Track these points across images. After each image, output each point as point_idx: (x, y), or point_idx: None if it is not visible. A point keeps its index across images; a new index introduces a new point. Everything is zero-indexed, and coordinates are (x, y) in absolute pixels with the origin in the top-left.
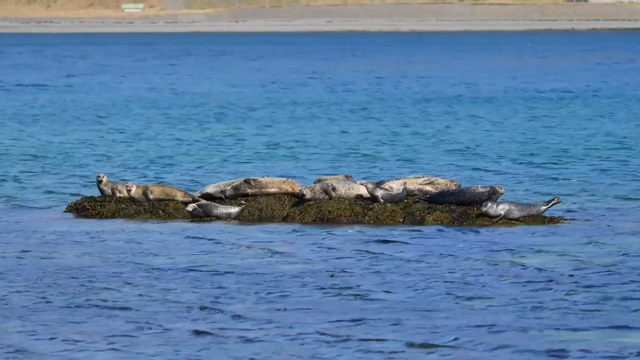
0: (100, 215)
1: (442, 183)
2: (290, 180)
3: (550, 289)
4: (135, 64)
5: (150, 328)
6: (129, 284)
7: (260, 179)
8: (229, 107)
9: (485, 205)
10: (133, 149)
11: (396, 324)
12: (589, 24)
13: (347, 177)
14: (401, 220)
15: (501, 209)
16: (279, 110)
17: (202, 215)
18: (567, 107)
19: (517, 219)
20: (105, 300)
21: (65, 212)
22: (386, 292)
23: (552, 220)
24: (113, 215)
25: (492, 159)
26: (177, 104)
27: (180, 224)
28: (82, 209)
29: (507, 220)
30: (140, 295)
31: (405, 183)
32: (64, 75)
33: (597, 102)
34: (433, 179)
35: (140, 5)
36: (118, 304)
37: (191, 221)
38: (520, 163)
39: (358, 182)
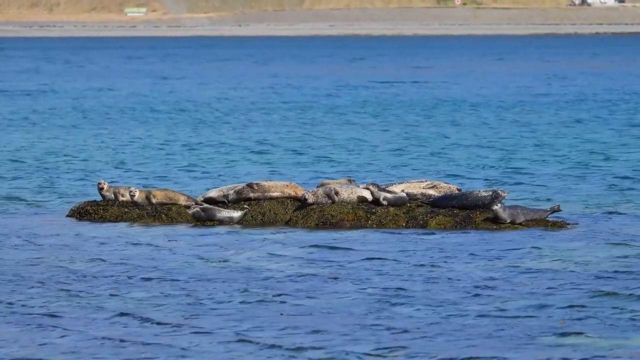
0: (103, 220)
1: (445, 187)
2: (293, 184)
3: (553, 293)
4: (138, 68)
5: (155, 331)
6: (128, 288)
7: (263, 183)
8: (233, 111)
9: (496, 205)
10: (137, 153)
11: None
12: (591, 28)
13: (350, 180)
14: (404, 224)
15: (508, 213)
16: (284, 114)
17: (205, 220)
18: (571, 112)
19: (520, 224)
20: (103, 306)
21: (67, 216)
22: (385, 297)
23: (555, 224)
24: (116, 220)
25: (495, 162)
26: (182, 108)
27: (183, 229)
28: (84, 213)
29: (512, 224)
30: (139, 298)
31: (404, 189)
32: (65, 80)
33: (602, 107)
34: (436, 182)
35: (143, 10)
36: (118, 308)
37: (194, 225)
38: (523, 166)
39: (362, 186)
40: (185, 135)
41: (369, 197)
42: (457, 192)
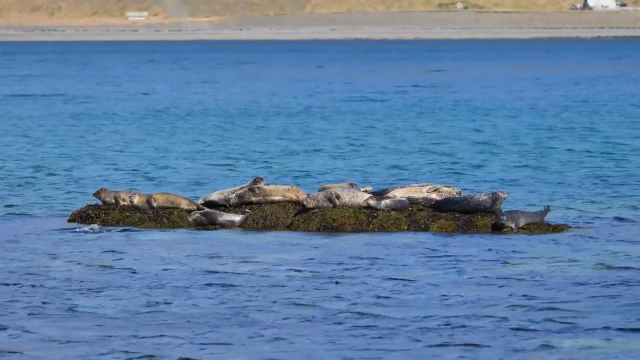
0: (105, 224)
1: (446, 191)
2: (294, 188)
3: (555, 295)
4: (137, 71)
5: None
6: (126, 291)
7: (264, 187)
8: (237, 116)
9: (501, 219)
10: (139, 156)
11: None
12: (593, 31)
13: (351, 184)
14: (406, 227)
15: (510, 218)
16: (287, 117)
17: (207, 224)
18: (571, 114)
19: (522, 227)
20: (100, 308)
21: (69, 220)
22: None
23: (557, 228)
24: (117, 223)
25: (495, 165)
26: (185, 112)
27: (184, 232)
28: (86, 217)
29: (514, 229)
30: (136, 301)
31: (405, 193)
32: (65, 84)
33: (601, 110)
34: (437, 186)
35: (145, 14)
36: (116, 310)
37: (195, 229)
38: (524, 170)
39: (362, 190)
40: (189, 140)
41: (371, 202)
42: (458, 196)
